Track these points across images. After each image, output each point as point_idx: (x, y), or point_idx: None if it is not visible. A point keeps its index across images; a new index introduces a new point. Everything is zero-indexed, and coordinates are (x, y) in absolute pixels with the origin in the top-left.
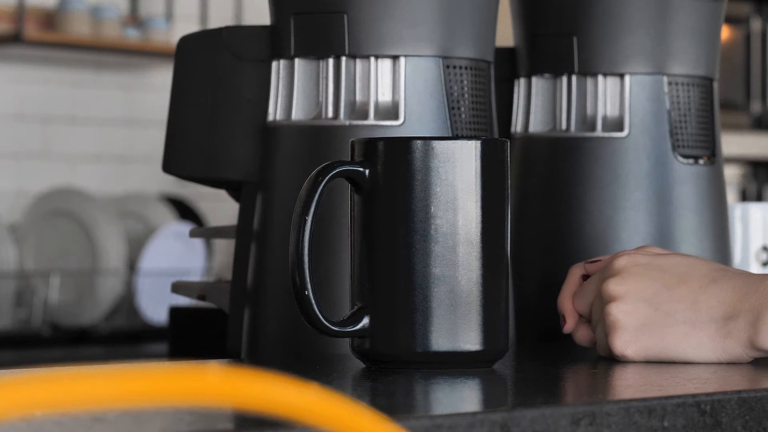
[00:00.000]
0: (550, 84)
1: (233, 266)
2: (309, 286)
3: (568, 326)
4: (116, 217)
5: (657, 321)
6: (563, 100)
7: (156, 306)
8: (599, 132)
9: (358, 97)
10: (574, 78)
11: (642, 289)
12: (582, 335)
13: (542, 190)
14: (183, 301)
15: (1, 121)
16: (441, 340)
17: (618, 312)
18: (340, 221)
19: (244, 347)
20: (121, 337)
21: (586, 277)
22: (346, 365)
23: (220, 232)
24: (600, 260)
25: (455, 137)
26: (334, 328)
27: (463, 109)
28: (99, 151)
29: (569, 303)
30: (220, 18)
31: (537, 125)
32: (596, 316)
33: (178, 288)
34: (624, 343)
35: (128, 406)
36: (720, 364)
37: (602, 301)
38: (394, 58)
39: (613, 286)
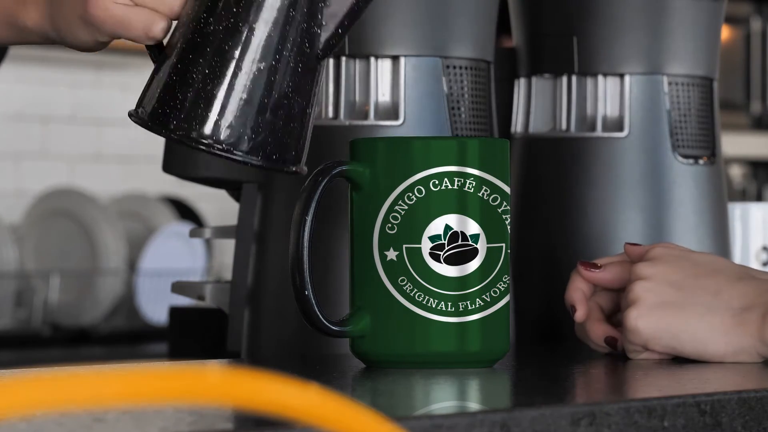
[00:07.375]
0: (550, 84)
1: (233, 266)
2: (309, 286)
3: (579, 315)
4: (116, 217)
5: (676, 301)
6: (563, 100)
7: (156, 306)
8: (599, 132)
9: (358, 97)
10: (574, 78)
11: (669, 273)
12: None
13: (542, 190)
14: (183, 301)
15: (0, 121)
16: (441, 340)
17: (640, 289)
18: (340, 221)
19: (244, 347)
20: (121, 337)
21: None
22: (346, 365)
23: (220, 232)
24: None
25: (455, 137)
26: (334, 328)
27: (463, 109)
28: (99, 151)
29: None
30: None
31: (537, 125)
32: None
33: (178, 288)
34: (638, 316)
35: (128, 406)
36: (723, 363)
37: (631, 282)
38: (394, 58)
39: (643, 268)
